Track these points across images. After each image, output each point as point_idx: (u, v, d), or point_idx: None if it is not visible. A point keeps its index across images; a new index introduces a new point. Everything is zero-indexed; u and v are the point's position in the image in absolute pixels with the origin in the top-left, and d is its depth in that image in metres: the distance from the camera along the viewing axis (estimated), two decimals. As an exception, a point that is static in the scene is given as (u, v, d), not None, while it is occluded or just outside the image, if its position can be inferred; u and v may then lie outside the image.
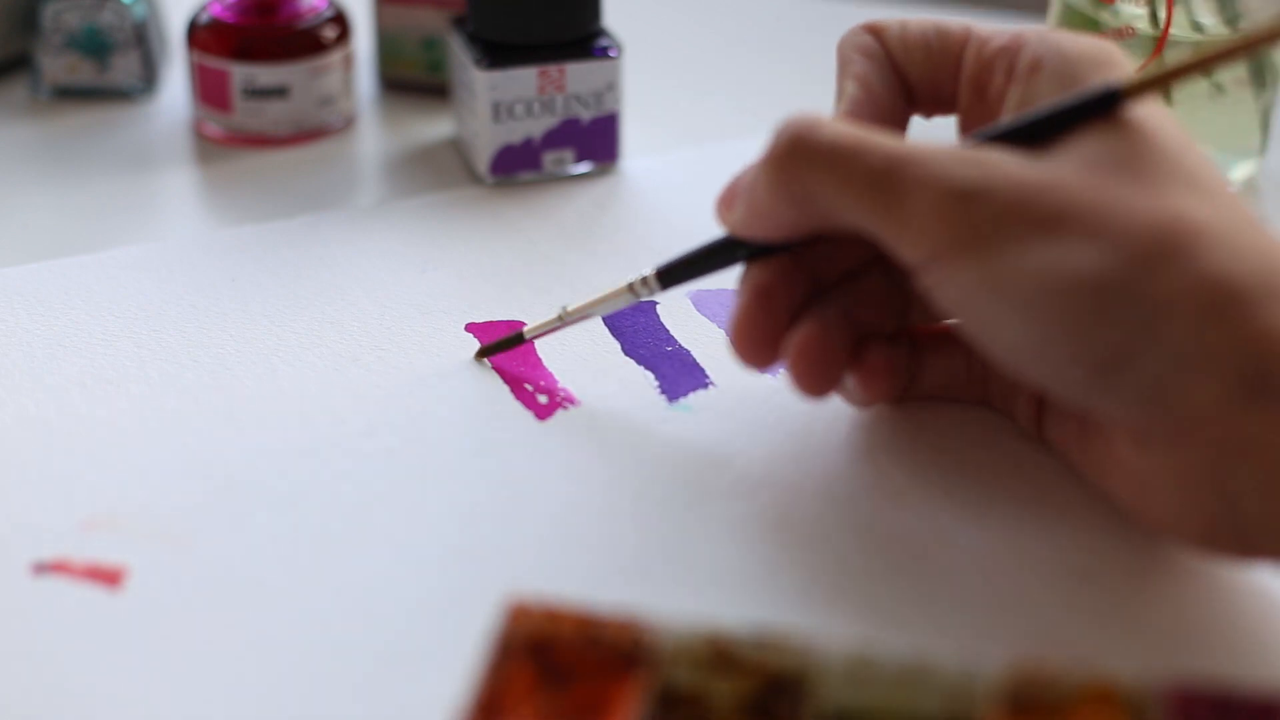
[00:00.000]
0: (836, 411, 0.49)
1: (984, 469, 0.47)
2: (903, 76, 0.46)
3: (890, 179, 0.40)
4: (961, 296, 0.40)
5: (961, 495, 0.46)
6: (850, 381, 0.46)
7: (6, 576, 0.43)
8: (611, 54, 0.61)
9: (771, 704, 0.37)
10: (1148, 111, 0.41)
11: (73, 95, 0.68)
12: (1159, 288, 0.38)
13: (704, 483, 0.46)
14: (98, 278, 0.55)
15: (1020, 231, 0.39)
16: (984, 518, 0.45)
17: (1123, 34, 0.58)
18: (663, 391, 0.50)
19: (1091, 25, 0.59)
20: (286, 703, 0.39)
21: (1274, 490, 0.37)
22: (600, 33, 0.61)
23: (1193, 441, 0.38)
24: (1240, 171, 0.61)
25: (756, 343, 0.45)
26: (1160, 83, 0.41)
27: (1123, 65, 0.43)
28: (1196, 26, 0.58)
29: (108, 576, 0.43)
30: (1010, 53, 0.44)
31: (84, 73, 0.67)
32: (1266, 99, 0.60)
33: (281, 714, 0.39)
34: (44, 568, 0.43)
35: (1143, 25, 0.58)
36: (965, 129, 0.46)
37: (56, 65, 0.67)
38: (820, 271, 0.46)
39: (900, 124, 0.47)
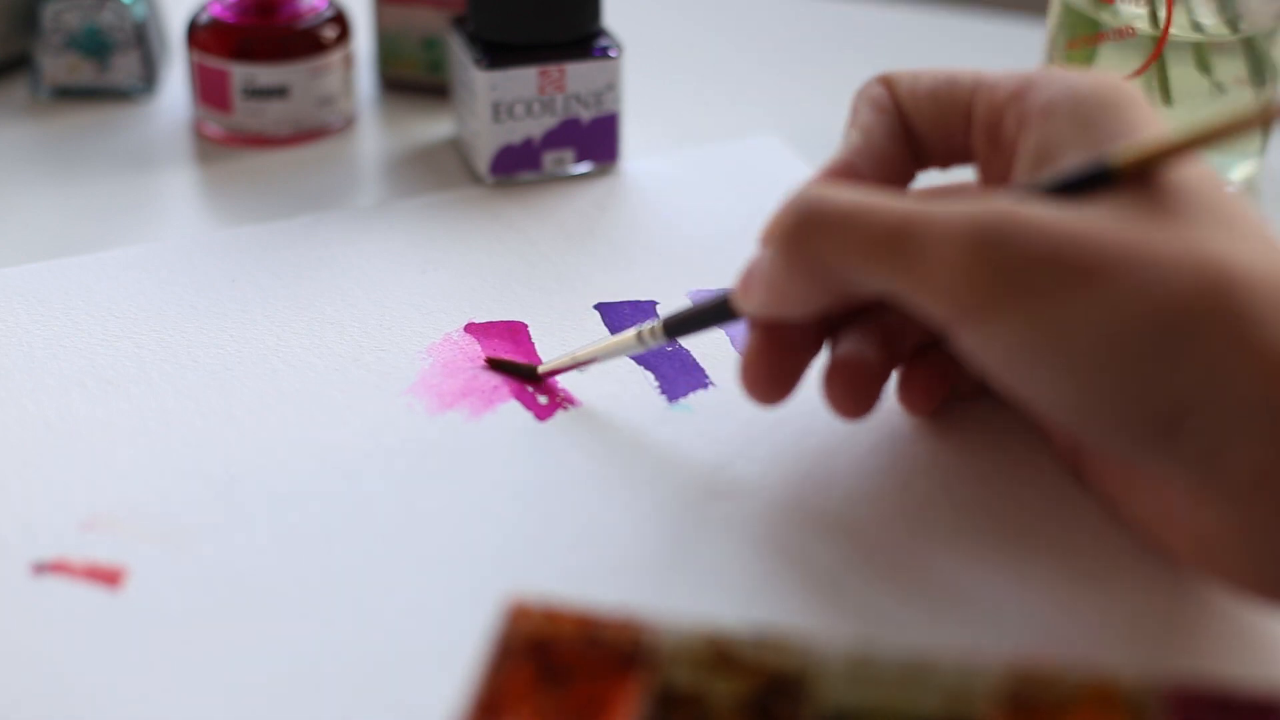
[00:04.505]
0: (836, 411, 0.49)
1: (983, 468, 0.47)
2: (911, 128, 0.45)
3: (907, 234, 0.39)
4: (1000, 356, 0.39)
5: (961, 494, 0.46)
6: (896, 400, 0.47)
7: (6, 576, 0.43)
8: (611, 54, 0.61)
9: (771, 704, 0.37)
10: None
11: (73, 95, 0.68)
12: (1210, 346, 0.37)
13: (704, 483, 0.46)
14: (98, 278, 0.55)
15: (1056, 283, 0.37)
16: (984, 517, 0.45)
17: (1123, 34, 0.58)
18: (663, 391, 0.50)
19: (1091, 25, 0.59)
20: (286, 703, 0.39)
21: None
22: (600, 33, 0.61)
23: (1254, 501, 0.37)
24: (1240, 171, 0.61)
25: (767, 380, 0.44)
26: (1168, 154, 0.39)
27: (1136, 102, 0.41)
28: (1196, 26, 0.58)
29: (108, 576, 0.43)
30: (1020, 98, 0.42)
31: (84, 73, 0.67)
32: (1266, 99, 0.60)
33: (281, 714, 0.39)
34: (44, 568, 0.43)
35: (1143, 25, 0.58)
36: (985, 179, 0.45)
37: (56, 65, 0.67)
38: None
39: (902, 177, 0.46)
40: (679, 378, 0.51)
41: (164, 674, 0.40)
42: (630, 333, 0.48)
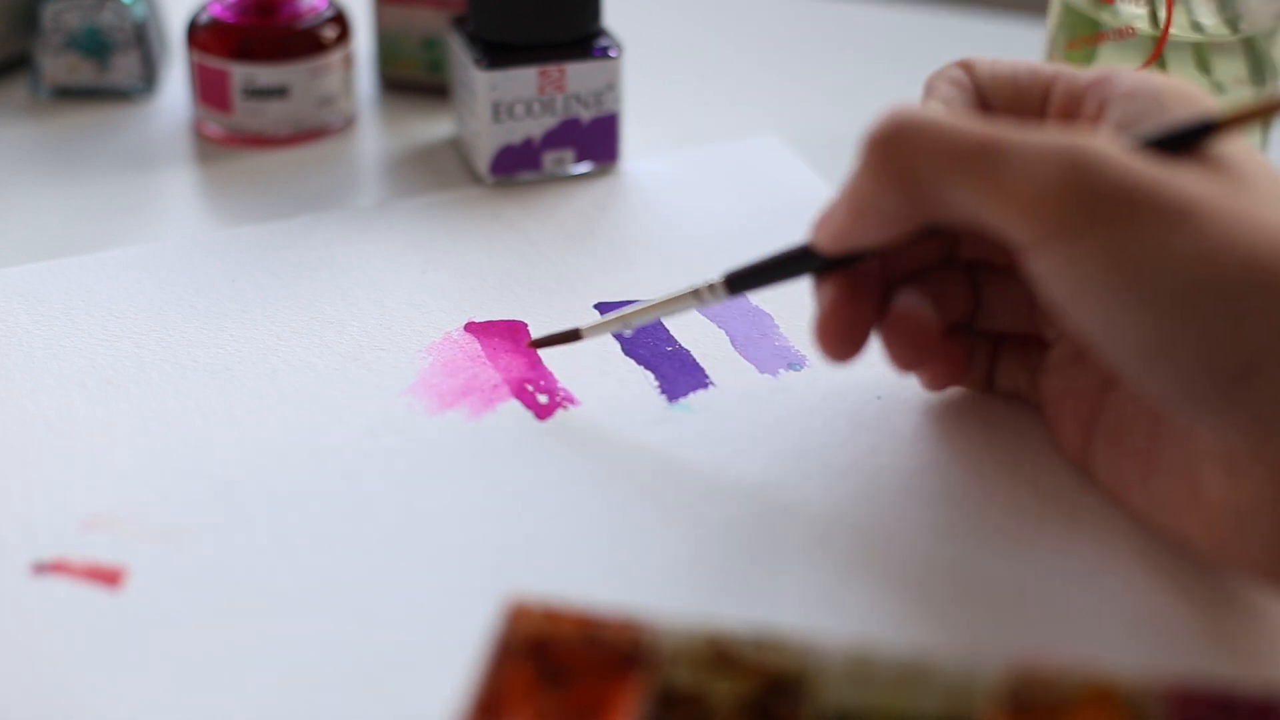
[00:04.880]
0: (835, 412, 0.49)
1: (984, 468, 0.47)
2: (987, 109, 0.46)
3: (999, 150, 0.39)
4: (1077, 283, 0.38)
5: (962, 495, 0.46)
6: (926, 367, 0.47)
7: (6, 576, 0.43)
8: (611, 54, 0.61)
9: (771, 704, 0.37)
10: (1235, 146, 0.40)
11: (73, 95, 0.68)
12: None
13: (704, 483, 0.46)
14: (98, 278, 0.55)
15: (1145, 216, 0.38)
16: (984, 518, 0.45)
17: (1123, 34, 0.58)
18: (663, 391, 0.50)
19: (1091, 25, 0.59)
20: (286, 703, 0.39)
21: None
22: (600, 33, 0.61)
23: None
24: (1240, 171, 0.61)
25: (843, 335, 0.45)
26: (1264, 112, 0.40)
27: (1208, 102, 0.42)
28: (1196, 26, 0.58)
29: (108, 576, 0.43)
30: (1102, 84, 0.43)
31: (84, 73, 0.67)
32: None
33: (281, 714, 0.39)
34: (44, 568, 0.43)
35: (1143, 25, 0.58)
36: None
37: (56, 65, 0.67)
38: (896, 270, 0.46)
39: None
40: (679, 378, 0.51)
41: (164, 674, 0.40)
42: (686, 289, 0.47)
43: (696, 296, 0.47)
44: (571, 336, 0.50)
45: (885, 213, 0.42)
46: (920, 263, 0.47)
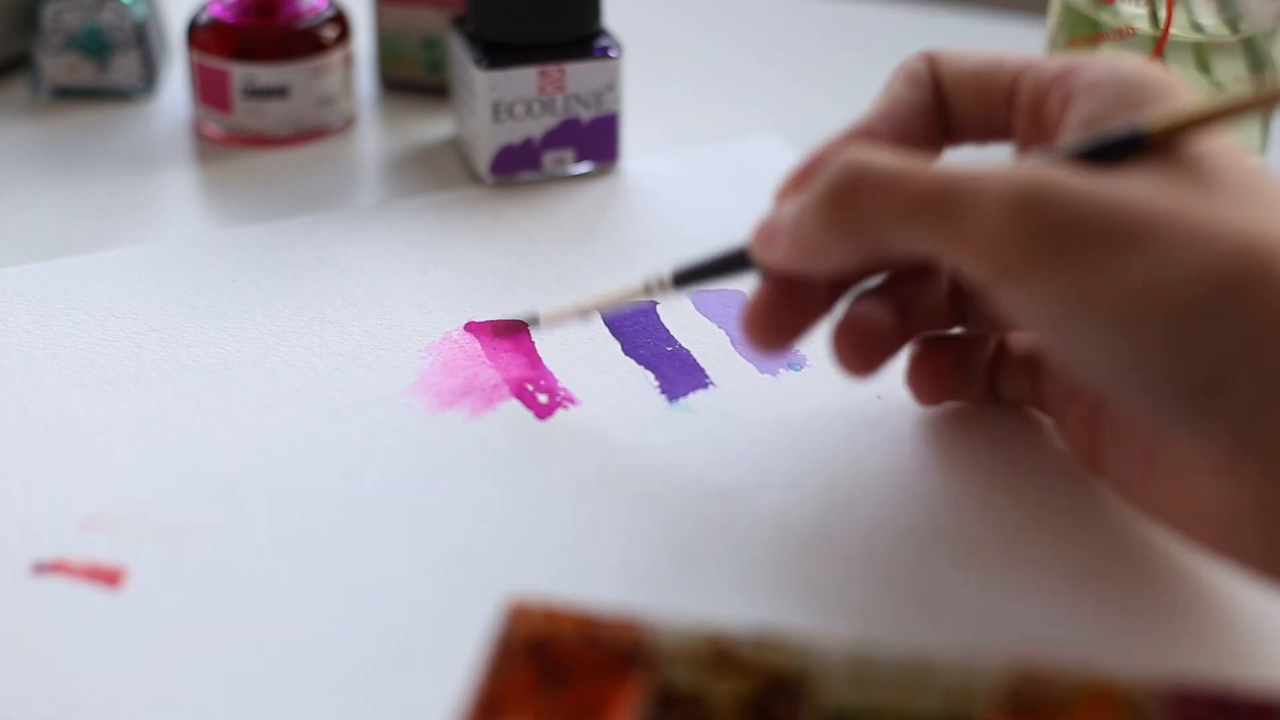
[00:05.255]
0: (836, 412, 0.49)
1: (984, 468, 0.47)
2: (949, 104, 0.45)
3: (950, 195, 0.39)
4: (1044, 313, 0.39)
5: (962, 495, 0.46)
6: (905, 380, 0.47)
7: (6, 576, 0.43)
8: (611, 54, 0.61)
9: (771, 704, 0.37)
10: (1209, 141, 0.40)
11: (73, 95, 0.68)
12: (1256, 307, 0.37)
13: (704, 483, 0.46)
14: (98, 278, 0.55)
15: (1098, 243, 0.38)
16: (985, 517, 0.45)
17: (1123, 34, 0.58)
18: (663, 391, 0.50)
19: (1091, 25, 0.59)
20: (286, 703, 0.39)
21: None
22: (600, 33, 0.61)
23: None
24: (1240, 171, 0.61)
25: (773, 329, 0.44)
26: (1198, 123, 0.40)
27: (1179, 88, 0.42)
28: (1196, 26, 0.58)
29: (108, 576, 0.43)
30: (1066, 77, 0.43)
31: (84, 73, 0.67)
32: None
33: (281, 714, 0.39)
34: (44, 568, 0.43)
35: (1143, 25, 0.58)
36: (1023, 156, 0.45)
37: (56, 65, 0.67)
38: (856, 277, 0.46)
39: (923, 147, 0.46)
40: (679, 378, 0.51)
41: (164, 674, 0.40)
42: (636, 281, 0.48)
43: (645, 289, 0.48)
44: (531, 321, 0.51)
45: (832, 254, 0.42)
46: (891, 267, 0.46)
